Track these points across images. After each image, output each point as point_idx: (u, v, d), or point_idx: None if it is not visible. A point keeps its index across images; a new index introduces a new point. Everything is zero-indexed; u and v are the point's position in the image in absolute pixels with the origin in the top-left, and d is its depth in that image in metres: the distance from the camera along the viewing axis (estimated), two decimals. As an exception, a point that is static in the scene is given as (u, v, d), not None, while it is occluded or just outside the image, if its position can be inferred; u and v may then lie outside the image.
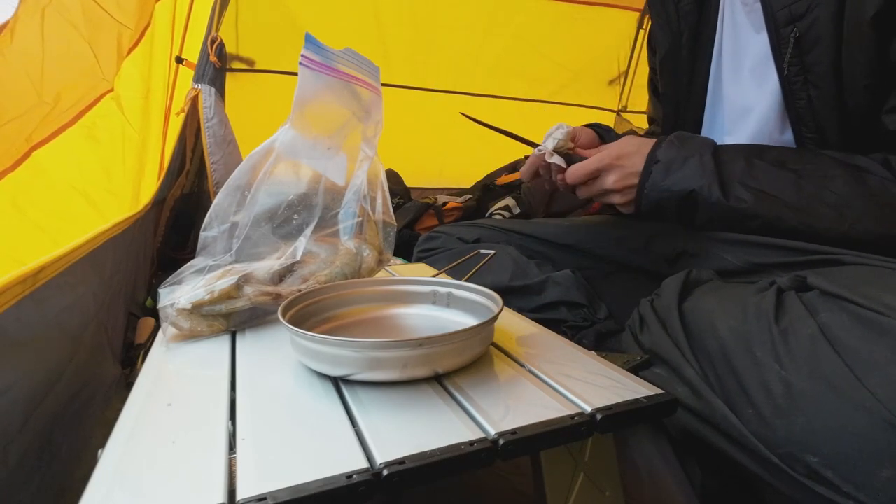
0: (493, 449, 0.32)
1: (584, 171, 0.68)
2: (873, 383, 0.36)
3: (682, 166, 0.63)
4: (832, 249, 0.56)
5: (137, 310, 0.92)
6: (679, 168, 0.63)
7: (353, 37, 1.88)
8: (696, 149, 0.64)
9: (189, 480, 0.30)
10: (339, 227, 0.61)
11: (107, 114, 0.96)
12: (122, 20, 0.98)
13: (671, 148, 0.65)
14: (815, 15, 0.57)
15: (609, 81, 2.26)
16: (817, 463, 0.37)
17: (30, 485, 0.45)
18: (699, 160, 0.62)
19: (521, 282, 0.77)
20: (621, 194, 0.68)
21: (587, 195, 0.71)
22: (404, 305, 0.54)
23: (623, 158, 0.67)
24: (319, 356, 0.40)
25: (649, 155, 0.65)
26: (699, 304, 0.52)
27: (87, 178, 0.90)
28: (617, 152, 0.67)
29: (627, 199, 0.67)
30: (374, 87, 0.61)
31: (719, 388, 0.46)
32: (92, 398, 0.61)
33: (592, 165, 0.68)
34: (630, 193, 0.67)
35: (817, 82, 0.60)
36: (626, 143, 0.68)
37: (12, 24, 0.74)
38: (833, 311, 0.42)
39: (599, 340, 0.70)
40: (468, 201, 1.74)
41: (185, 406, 0.38)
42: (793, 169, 0.60)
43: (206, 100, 1.30)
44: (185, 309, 0.50)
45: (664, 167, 0.64)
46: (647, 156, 0.65)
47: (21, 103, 0.77)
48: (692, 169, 0.62)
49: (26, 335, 0.46)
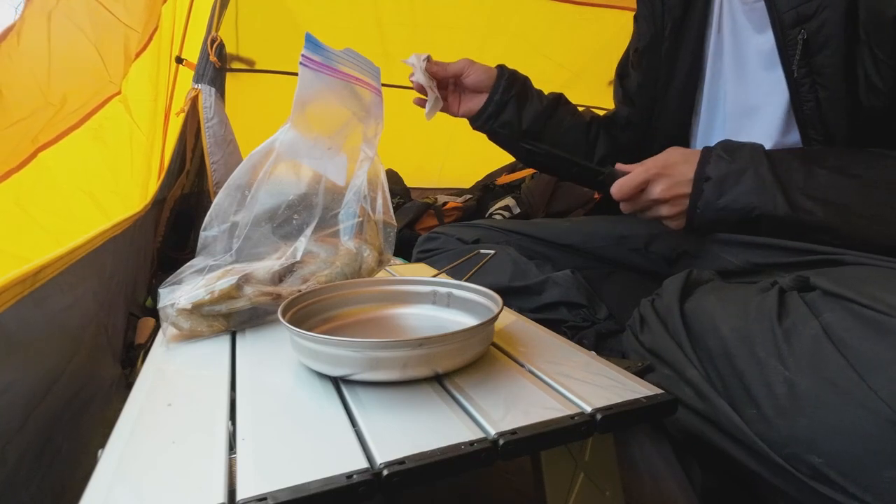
0: (493, 449, 0.32)
1: (631, 183, 0.65)
2: (877, 383, 0.36)
3: (737, 182, 0.60)
4: (834, 249, 0.56)
5: (137, 310, 0.92)
6: (734, 185, 0.60)
7: (353, 37, 1.88)
8: (748, 160, 0.61)
9: (189, 480, 0.29)
10: (339, 227, 0.61)
11: (114, 116, 0.96)
12: (128, 23, 0.99)
13: (721, 162, 0.61)
14: (825, 16, 0.57)
15: (609, 82, 2.24)
16: (821, 463, 0.37)
17: (30, 484, 0.45)
18: (754, 173, 0.59)
19: (520, 282, 0.77)
20: (670, 205, 0.64)
21: (632, 210, 0.68)
22: (404, 305, 0.54)
23: (670, 168, 0.64)
24: (319, 356, 0.40)
25: (697, 171, 0.62)
26: (701, 305, 0.52)
27: (93, 180, 0.90)
28: (663, 162, 0.65)
29: (677, 210, 0.64)
30: (374, 87, 0.60)
31: (722, 388, 0.45)
32: (92, 398, 0.61)
33: (639, 178, 0.65)
34: (680, 204, 0.64)
35: (826, 84, 0.59)
36: (671, 154, 0.66)
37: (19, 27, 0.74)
38: (836, 311, 0.42)
39: (599, 340, 0.70)
40: (468, 201, 1.74)
41: (186, 406, 0.38)
42: (855, 175, 0.58)
43: (206, 100, 1.30)
44: (185, 309, 0.50)
45: (717, 185, 0.61)
46: (696, 171, 0.62)
47: (27, 105, 0.77)
48: (749, 184, 0.59)
49: (26, 335, 0.46)
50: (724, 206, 0.61)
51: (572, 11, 2.04)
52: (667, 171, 0.64)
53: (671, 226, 0.66)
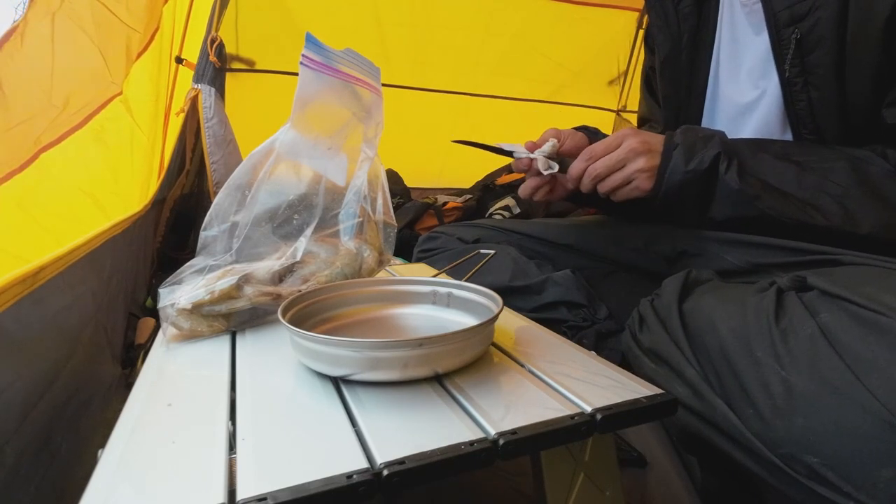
0: (493, 449, 0.32)
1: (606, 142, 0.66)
2: (873, 383, 0.36)
3: (705, 146, 0.63)
4: (832, 249, 0.56)
5: (137, 310, 0.92)
6: (703, 148, 0.63)
7: (353, 37, 1.88)
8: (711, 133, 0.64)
9: (189, 480, 0.30)
10: (339, 227, 0.61)
11: (115, 117, 0.96)
12: (130, 24, 0.98)
13: (688, 132, 0.65)
14: (818, 16, 0.57)
15: (609, 81, 2.26)
16: (817, 463, 0.37)
17: (29, 485, 0.45)
18: (720, 141, 0.63)
19: (521, 282, 0.77)
20: (647, 158, 0.65)
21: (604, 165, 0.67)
22: (404, 305, 0.54)
23: (642, 132, 0.66)
24: (319, 356, 0.40)
25: (666, 140, 0.65)
26: (699, 305, 0.52)
27: (95, 181, 0.90)
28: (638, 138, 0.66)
29: (652, 163, 0.65)
30: (374, 87, 0.60)
31: (719, 388, 0.45)
32: (91, 398, 0.61)
33: (613, 138, 0.66)
34: (655, 158, 0.65)
35: (818, 84, 0.60)
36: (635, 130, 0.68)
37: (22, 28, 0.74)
38: (833, 311, 0.42)
39: (599, 340, 0.70)
40: (468, 201, 1.74)
41: (186, 406, 0.38)
42: (795, 161, 0.60)
43: (205, 100, 1.31)
44: (185, 309, 0.50)
45: (686, 149, 0.63)
46: (664, 141, 0.65)
47: (30, 106, 0.77)
48: (717, 147, 0.62)
49: (25, 335, 0.46)
50: (692, 167, 0.63)
51: (572, 11, 2.04)
52: (641, 133, 0.66)
53: (638, 184, 0.66)
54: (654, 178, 0.65)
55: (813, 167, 0.59)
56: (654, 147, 0.66)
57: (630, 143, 0.66)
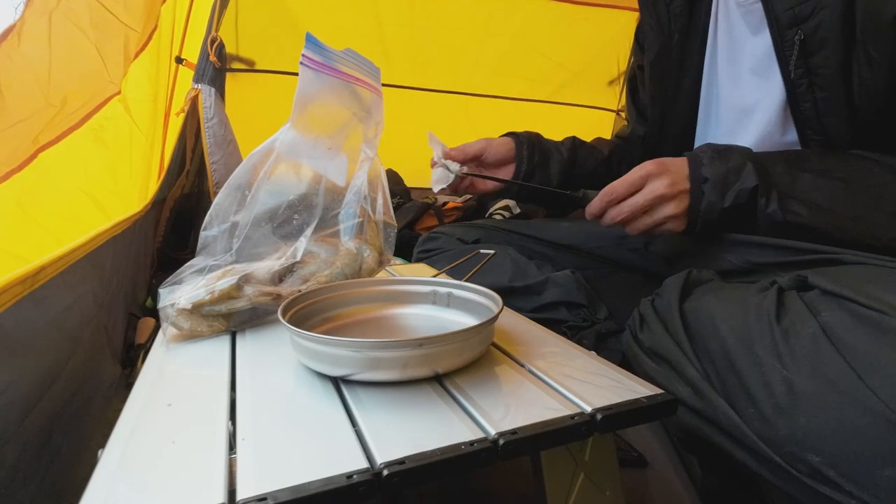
0: (493, 449, 0.32)
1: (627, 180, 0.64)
2: (875, 382, 0.36)
3: (738, 178, 0.59)
4: (832, 249, 0.56)
5: (137, 310, 0.92)
6: (735, 181, 0.60)
7: (353, 37, 1.88)
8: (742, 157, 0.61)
9: (189, 480, 0.29)
10: (339, 227, 0.61)
11: (114, 116, 0.96)
12: (128, 23, 0.98)
13: (716, 163, 0.61)
14: (821, 17, 0.57)
15: (609, 82, 2.26)
16: (819, 462, 0.37)
17: (29, 485, 0.45)
18: (753, 169, 0.59)
19: (520, 282, 0.77)
20: (676, 203, 0.63)
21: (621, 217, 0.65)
22: (404, 305, 0.54)
23: (668, 164, 0.63)
24: (319, 356, 0.40)
25: (692, 172, 0.62)
26: (700, 304, 0.52)
27: (93, 180, 0.90)
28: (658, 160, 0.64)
29: (682, 208, 0.63)
30: (374, 87, 0.60)
31: (721, 387, 0.45)
32: (91, 398, 0.61)
33: (636, 174, 0.63)
34: (685, 200, 0.63)
35: (823, 84, 0.59)
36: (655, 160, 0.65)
37: (19, 27, 0.74)
38: (834, 310, 0.42)
39: (599, 340, 0.70)
40: (468, 201, 1.74)
41: (186, 406, 0.38)
42: (838, 178, 0.58)
43: (206, 100, 1.31)
44: (185, 309, 0.50)
45: (718, 184, 0.60)
46: (690, 173, 0.62)
47: (28, 106, 0.77)
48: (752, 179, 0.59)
49: (25, 335, 0.46)
50: (729, 205, 0.60)
51: (572, 11, 2.04)
52: (665, 167, 0.63)
53: (671, 227, 0.65)
54: (686, 220, 0.64)
55: (859, 183, 0.57)
56: (680, 186, 0.62)
57: (655, 187, 0.63)
